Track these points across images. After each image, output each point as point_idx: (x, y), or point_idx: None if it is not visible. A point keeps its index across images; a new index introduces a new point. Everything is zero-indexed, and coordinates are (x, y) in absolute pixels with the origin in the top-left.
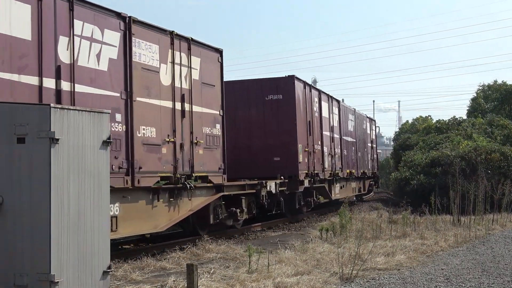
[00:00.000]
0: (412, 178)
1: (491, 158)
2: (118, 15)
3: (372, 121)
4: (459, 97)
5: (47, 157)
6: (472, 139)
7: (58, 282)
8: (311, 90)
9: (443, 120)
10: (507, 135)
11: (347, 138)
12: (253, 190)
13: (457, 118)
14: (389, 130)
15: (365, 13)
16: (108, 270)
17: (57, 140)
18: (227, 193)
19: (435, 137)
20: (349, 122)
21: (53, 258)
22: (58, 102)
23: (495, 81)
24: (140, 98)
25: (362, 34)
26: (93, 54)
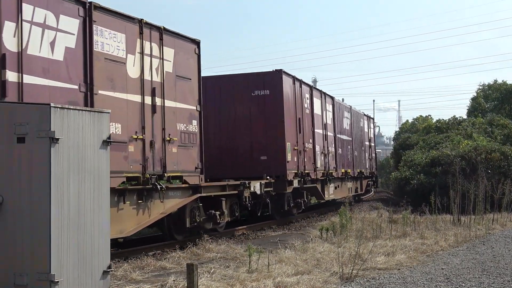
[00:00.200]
0: (412, 177)
1: (491, 158)
2: (76, 0)
3: (370, 119)
4: (459, 97)
5: (47, 156)
6: (472, 138)
7: (58, 281)
8: (301, 85)
9: (443, 119)
10: (507, 134)
11: (342, 136)
12: (235, 191)
13: (457, 118)
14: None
15: (365, 13)
16: (108, 270)
17: (57, 139)
18: (205, 194)
19: (435, 136)
20: (344, 120)
21: (53, 257)
22: (3, 94)
23: (495, 81)
24: (103, 91)
25: (362, 34)
26: (46, 42)
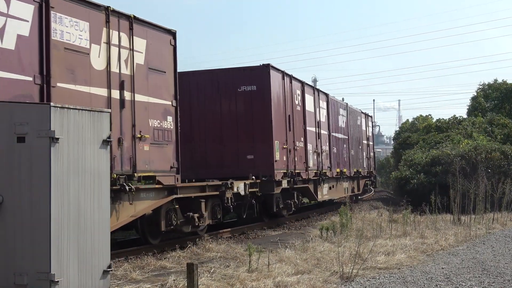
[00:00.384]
0: (412, 177)
1: (491, 157)
2: None
3: (368, 117)
4: (459, 96)
5: (47, 156)
6: (472, 138)
7: (58, 281)
8: (291, 81)
9: (443, 119)
10: (507, 134)
11: (337, 135)
12: (216, 192)
13: (457, 117)
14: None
15: (365, 13)
16: (108, 269)
17: (57, 139)
18: (182, 195)
19: (435, 136)
20: (340, 118)
21: (53, 257)
22: None
23: (495, 80)
24: (62, 84)
25: (362, 33)
26: None
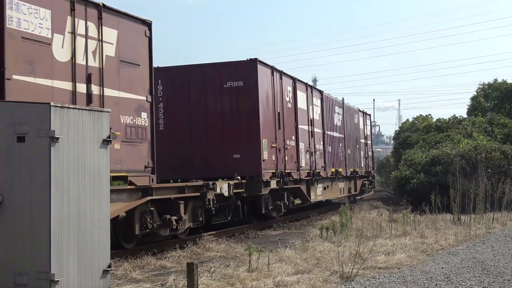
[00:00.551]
0: (412, 177)
1: (491, 157)
2: None
3: (366, 115)
4: (459, 96)
5: (47, 155)
6: (472, 137)
7: (58, 281)
8: (281, 77)
9: (443, 118)
10: (507, 133)
11: (332, 133)
12: (196, 193)
13: (457, 117)
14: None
15: (365, 13)
16: (108, 269)
17: (57, 139)
18: (158, 197)
19: (435, 135)
20: (335, 116)
21: (53, 257)
22: None
23: (495, 80)
24: (19, 76)
25: (362, 33)
26: None
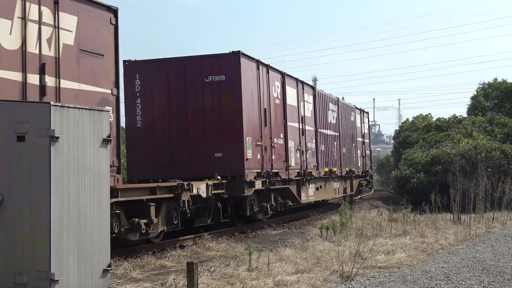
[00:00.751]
0: (412, 176)
1: (491, 156)
2: None
3: (364, 113)
4: (459, 95)
5: (47, 155)
6: (472, 137)
7: (58, 280)
8: (268, 71)
9: (443, 118)
10: (507, 133)
11: (326, 131)
12: (170, 195)
13: (457, 116)
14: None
15: (365, 12)
16: (108, 268)
17: (57, 138)
18: (124, 199)
19: (435, 135)
20: (329, 113)
21: (53, 256)
22: None
23: (495, 79)
24: None
25: (362, 32)
26: None
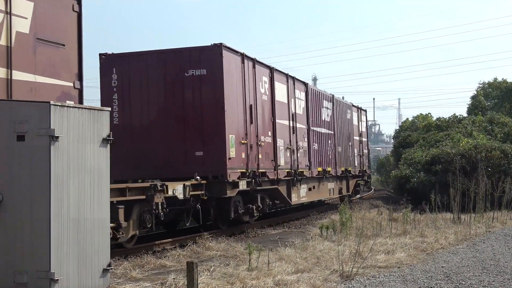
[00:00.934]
0: (412, 176)
1: (491, 156)
2: None
3: (362, 111)
4: (459, 95)
5: (47, 154)
6: (472, 136)
7: (58, 279)
8: (254, 66)
9: (443, 117)
10: (508, 132)
11: (319, 130)
12: (142, 196)
13: (457, 116)
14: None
15: (365, 12)
16: (108, 268)
17: (57, 137)
18: None
19: (435, 134)
20: (323, 110)
21: (53, 255)
22: None
23: (495, 79)
24: None
25: (362, 32)
26: None
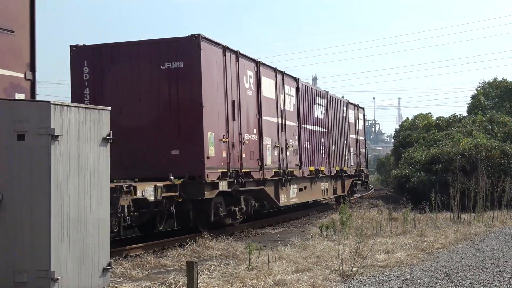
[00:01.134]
0: (412, 175)
1: (491, 155)
2: None
3: (358, 108)
4: (459, 94)
5: (47, 153)
6: (472, 136)
7: (58, 279)
8: (238, 59)
9: (444, 117)
10: (508, 132)
11: (311, 127)
12: None
13: (457, 115)
14: (389, 127)
15: (365, 11)
16: (108, 267)
17: (57, 137)
18: None
19: (436, 134)
20: (316, 107)
21: (53, 255)
22: None
23: (495, 78)
24: None
25: (362, 31)
26: None
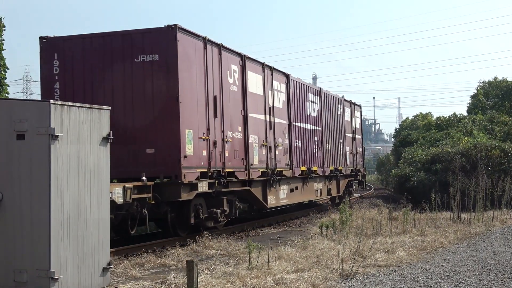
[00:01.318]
0: (412, 174)
1: (491, 155)
2: None
3: (355, 106)
4: (459, 94)
5: (47, 153)
6: (472, 135)
7: (58, 278)
8: (220, 52)
9: (444, 116)
10: (508, 131)
11: (303, 125)
12: None
13: (457, 115)
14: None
15: (365, 11)
16: (108, 267)
17: (57, 136)
18: None
19: (436, 133)
20: (308, 105)
21: (52, 254)
22: None
23: (496, 78)
24: None
25: (362, 31)
26: None
